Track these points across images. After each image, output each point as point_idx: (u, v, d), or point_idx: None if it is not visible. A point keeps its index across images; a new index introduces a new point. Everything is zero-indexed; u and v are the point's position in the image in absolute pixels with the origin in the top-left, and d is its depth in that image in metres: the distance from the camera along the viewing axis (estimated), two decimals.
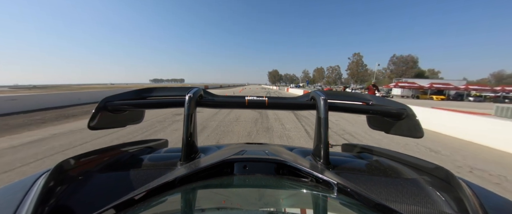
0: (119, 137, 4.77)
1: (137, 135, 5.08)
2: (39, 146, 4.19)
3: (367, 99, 0.77)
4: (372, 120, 0.84)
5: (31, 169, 3.08)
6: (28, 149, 3.97)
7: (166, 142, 1.08)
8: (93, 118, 0.68)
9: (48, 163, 3.30)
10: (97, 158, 0.65)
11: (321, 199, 0.40)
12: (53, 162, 2.26)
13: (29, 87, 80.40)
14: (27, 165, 3.21)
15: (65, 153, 3.79)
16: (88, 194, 0.49)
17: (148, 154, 0.78)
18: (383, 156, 0.77)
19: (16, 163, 3.27)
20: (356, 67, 67.98)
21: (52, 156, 3.61)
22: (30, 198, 0.43)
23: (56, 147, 4.13)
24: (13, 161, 3.34)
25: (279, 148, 0.77)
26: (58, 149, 3.98)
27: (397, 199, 0.49)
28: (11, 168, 3.07)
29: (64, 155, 3.68)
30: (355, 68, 68.16)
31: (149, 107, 0.72)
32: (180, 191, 0.42)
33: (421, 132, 0.65)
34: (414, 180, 0.56)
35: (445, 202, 0.47)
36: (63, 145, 4.22)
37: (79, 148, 4.07)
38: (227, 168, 0.52)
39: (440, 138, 5.60)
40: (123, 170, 0.61)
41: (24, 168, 3.10)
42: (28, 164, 3.23)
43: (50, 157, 3.53)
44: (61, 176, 0.51)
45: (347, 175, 0.59)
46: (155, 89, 0.78)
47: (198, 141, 0.69)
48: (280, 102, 0.71)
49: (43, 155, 3.65)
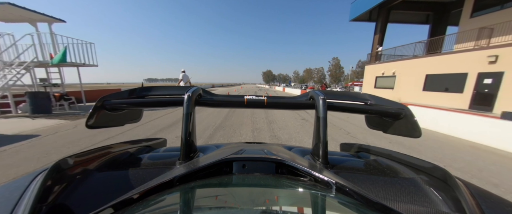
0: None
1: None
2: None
3: (366, 99, 0.77)
4: (370, 119, 0.85)
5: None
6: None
7: (164, 141, 1.08)
8: (91, 116, 0.68)
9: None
10: (95, 157, 0.65)
11: (320, 198, 0.40)
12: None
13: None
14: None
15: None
16: (86, 193, 0.49)
17: (146, 153, 0.78)
18: (381, 156, 0.78)
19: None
20: (335, 69, 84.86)
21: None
22: (27, 197, 0.42)
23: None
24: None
25: (278, 147, 0.78)
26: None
27: (395, 198, 0.49)
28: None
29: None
30: (334, 70, 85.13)
31: (147, 105, 0.72)
32: (179, 190, 0.42)
33: (419, 131, 0.66)
34: (412, 179, 0.57)
35: (442, 201, 0.47)
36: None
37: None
38: (226, 167, 0.52)
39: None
40: (122, 169, 0.61)
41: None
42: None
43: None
44: (58, 175, 0.50)
45: (346, 174, 0.59)
46: (154, 88, 0.78)
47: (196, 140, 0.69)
48: (279, 101, 0.71)
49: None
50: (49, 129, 5.64)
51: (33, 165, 3.20)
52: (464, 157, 4.10)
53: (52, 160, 3.29)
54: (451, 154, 4.26)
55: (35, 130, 5.45)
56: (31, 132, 5.23)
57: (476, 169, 3.48)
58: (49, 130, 5.53)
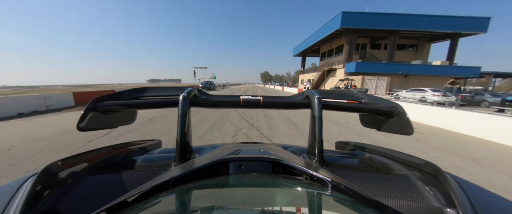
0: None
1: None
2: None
3: (360, 98, 0.78)
4: (364, 118, 0.86)
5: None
6: None
7: (159, 142, 1.07)
8: (83, 118, 0.66)
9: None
10: (87, 159, 0.63)
11: (316, 196, 0.41)
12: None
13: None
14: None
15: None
16: (79, 197, 0.48)
17: (141, 155, 0.77)
18: (375, 153, 0.79)
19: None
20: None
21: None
22: (16, 203, 0.41)
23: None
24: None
25: (274, 147, 0.78)
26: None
27: (389, 195, 0.50)
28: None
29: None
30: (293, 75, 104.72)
31: (141, 107, 0.71)
32: (174, 192, 0.41)
33: (411, 128, 0.67)
34: (404, 175, 0.58)
35: (433, 196, 0.48)
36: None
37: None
38: (223, 168, 0.52)
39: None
40: (116, 172, 0.59)
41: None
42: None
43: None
44: (49, 179, 0.49)
45: (341, 172, 0.60)
46: (148, 89, 0.76)
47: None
48: (275, 101, 0.72)
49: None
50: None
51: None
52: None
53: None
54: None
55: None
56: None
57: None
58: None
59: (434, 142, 4.75)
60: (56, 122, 6.36)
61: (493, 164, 3.44)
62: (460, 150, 4.21)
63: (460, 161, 3.53)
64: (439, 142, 4.77)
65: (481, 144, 4.72)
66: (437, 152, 4.02)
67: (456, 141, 4.93)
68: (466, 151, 4.11)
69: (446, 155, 3.87)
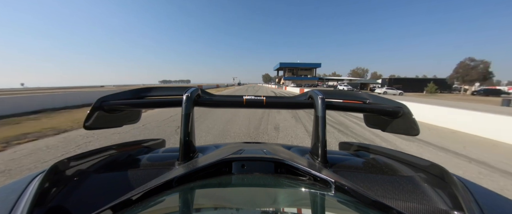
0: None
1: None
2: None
3: (364, 98, 0.77)
4: (369, 118, 0.85)
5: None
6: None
7: (163, 141, 1.08)
8: (89, 117, 0.67)
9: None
10: (93, 158, 0.64)
11: (319, 197, 0.40)
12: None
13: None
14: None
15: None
16: (85, 195, 0.48)
17: (145, 154, 0.78)
18: (379, 154, 0.78)
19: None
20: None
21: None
22: (24, 200, 0.42)
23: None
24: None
25: (277, 147, 0.78)
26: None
27: (393, 196, 0.50)
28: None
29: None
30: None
31: (146, 106, 0.72)
32: (178, 191, 0.41)
33: (417, 129, 0.66)
34: (410, 177, 0.57)
35: (440, 198, 0.47)
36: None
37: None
38: (225, 167, 0.52)
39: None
40: (120, 170, 0.60)
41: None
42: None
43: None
44: (56, 177, 0.50)
45: (345, 173, 0.59)
46: (152, 89, 0.77)
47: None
48: (278, 101, 0.71)
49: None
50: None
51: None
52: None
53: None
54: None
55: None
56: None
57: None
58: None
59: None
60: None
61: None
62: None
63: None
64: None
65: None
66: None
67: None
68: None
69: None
